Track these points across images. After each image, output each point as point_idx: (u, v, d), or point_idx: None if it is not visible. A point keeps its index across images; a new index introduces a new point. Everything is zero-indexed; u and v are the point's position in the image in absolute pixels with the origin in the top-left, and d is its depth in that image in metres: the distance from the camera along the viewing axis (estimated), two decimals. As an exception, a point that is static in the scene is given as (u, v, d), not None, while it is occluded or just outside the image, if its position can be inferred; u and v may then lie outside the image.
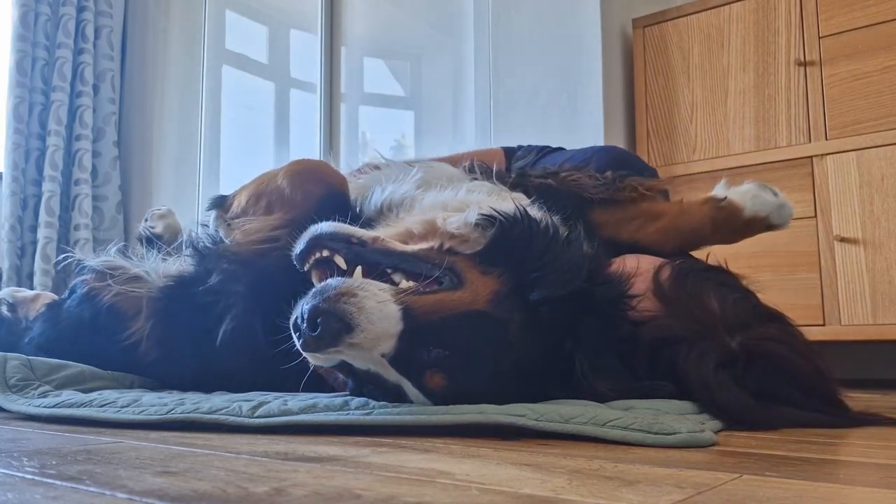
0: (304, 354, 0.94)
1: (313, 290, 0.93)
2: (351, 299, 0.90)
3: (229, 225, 1.36)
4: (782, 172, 2.60)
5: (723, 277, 1.22)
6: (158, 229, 2.06)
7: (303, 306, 0.91)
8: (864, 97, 2.51)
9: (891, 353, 2.71)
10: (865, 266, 2.43)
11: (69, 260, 1.67)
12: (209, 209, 1.44)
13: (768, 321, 1.17)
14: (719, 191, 1.36)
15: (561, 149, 1.92)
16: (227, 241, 1.35)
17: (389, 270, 1.00)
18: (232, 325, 1.30)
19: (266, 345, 1.29)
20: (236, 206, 1.39)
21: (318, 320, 0.88)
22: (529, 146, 1.93)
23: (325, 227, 1.05)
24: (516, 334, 0.99)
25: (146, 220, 2.11)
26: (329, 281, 0.94)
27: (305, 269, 1.06)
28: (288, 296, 1.28)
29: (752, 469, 0.67)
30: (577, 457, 0.73)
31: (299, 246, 1.06)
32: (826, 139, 2.55)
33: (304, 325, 0.89)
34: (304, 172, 1.34)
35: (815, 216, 2.53)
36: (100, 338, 1.50)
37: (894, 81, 2.47)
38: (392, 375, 0.95)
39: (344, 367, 0.98)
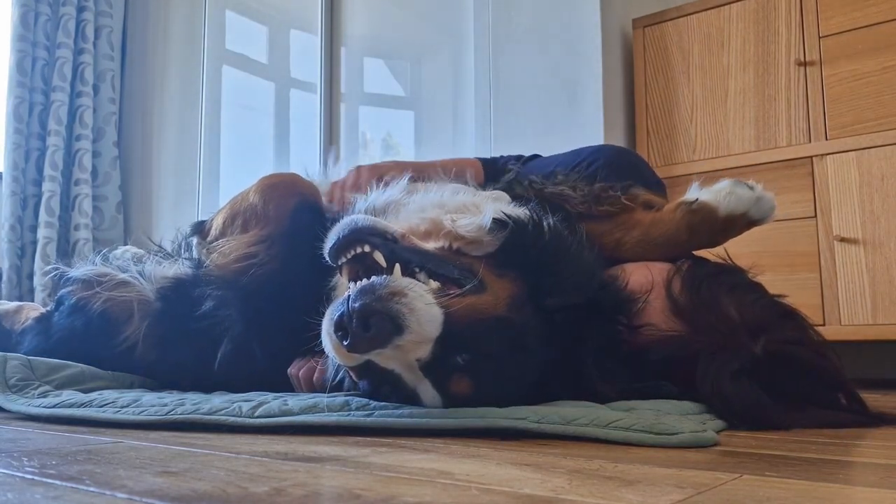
0: (337, 355, 0.90)
1: (358, 287, 0.87)
2: (402, 299, 0.86)
3: (208, 250, 1.36)
4: (782, 172, 2.60)
5: (734, 278, 1.21)
6: None
7: (349, 304, 0.85)
8: (864, 97, 2.50)
9: (891, 353, 2.71)
10: (865, 266, 2.43)
11: (54, 273, 1.67)
12: (189, 236, 1.45)
13: (786, 319, 1.17)
14: (691, 193, 1.30)
15: (537, 155, 1.87)
16: (208, 264, 1.35)
17: (417, 269, 0.97)
18: (231, 347, 1.31)
19: (265, 364, 1.30)
20: (214, 229, 1.38)
21: (371, 320, 0.84)
22: (510, 156, 1.87)
23: (361, 219, 0.99)
24: (534, 340, 0.99)
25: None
26: (374, 279, 0.88)
27: (339, 263, 0.99)
28: (278, 309, 1.28)
29: (752, 469, 0.67)
30: (577, 457, 0.73)
31: (334, 238, 0.98)
32: (826, 139, 2.55)
33: (355, 324, 0.84)
34: (274, 186, 1.34)
35: (815, 216, 2.53)
36: (94, 345, 1.50)
37: (894, 81, 2.47)
38: (413, 379, 0.93)
39: (364, 367, 0.95)
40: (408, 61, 3.57)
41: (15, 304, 1.98)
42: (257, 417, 0.97)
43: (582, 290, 1.03)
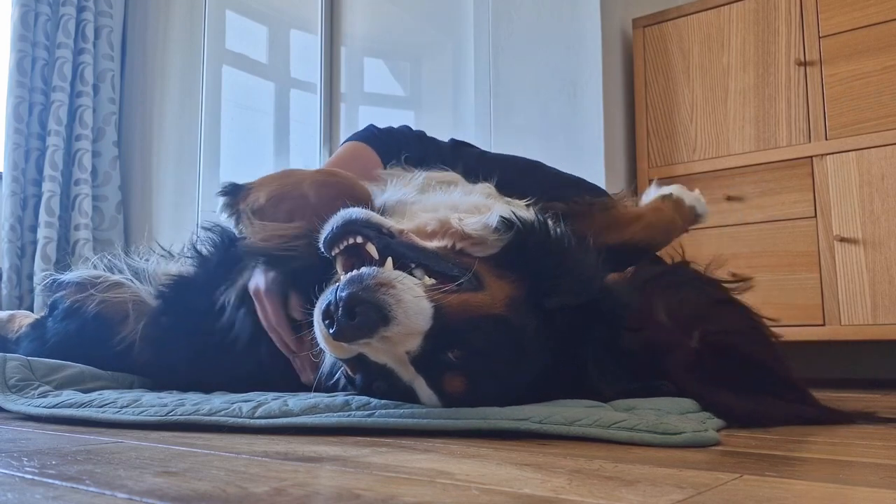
0: (327, 344, 0.91)
1: (347, 277, 0.89)
2: (390, 290, 0.87)
3: (247, 217, 1.27)
4: (782, 172, 2.60)
5: (672, 277, 1.22)
6: None
7: (337, 293, 0.86)
8: (864, 97, 2.50)
9: (891, 353, 2.71)
10: (865, 266, 2.43)
11: (47, 280, 1.67)
12: (222, 194, 1.31)
13: (721, 308, 1.17)
14: (663, 190, 1.41)
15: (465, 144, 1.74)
16: (239, 230, 1.29)
17: (413, 265, 0.97)
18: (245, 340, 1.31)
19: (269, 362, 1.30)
20: (253, 200, 1.28)
21: (357, 309, 0.85)
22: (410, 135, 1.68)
23: (356, 212, 1.01)
24: (532, 341, 0.98)
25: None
26: (363, 270, 0.90)
27: (333, 254, 1.00)
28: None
29: (752, 469, 0.67)
30: (578, 457, 0.73)
31: (329, 229, 1.00)
32: (826, 139, 2.55)
33: (341, 312, 0.85)
34: (332, 186, 1.27)
35: (815, 216, 2.53)
36: (91, 347, 1.49)
37: (894, 81, 2.47)
38: (407, 375, 0.93)
39: (357, 361, 0.95)
40: (408, 61, 3.57)
41: (7, 312, 1.95)
42: (257, 418, 0.97)
43: (584, 293, 1.03)
